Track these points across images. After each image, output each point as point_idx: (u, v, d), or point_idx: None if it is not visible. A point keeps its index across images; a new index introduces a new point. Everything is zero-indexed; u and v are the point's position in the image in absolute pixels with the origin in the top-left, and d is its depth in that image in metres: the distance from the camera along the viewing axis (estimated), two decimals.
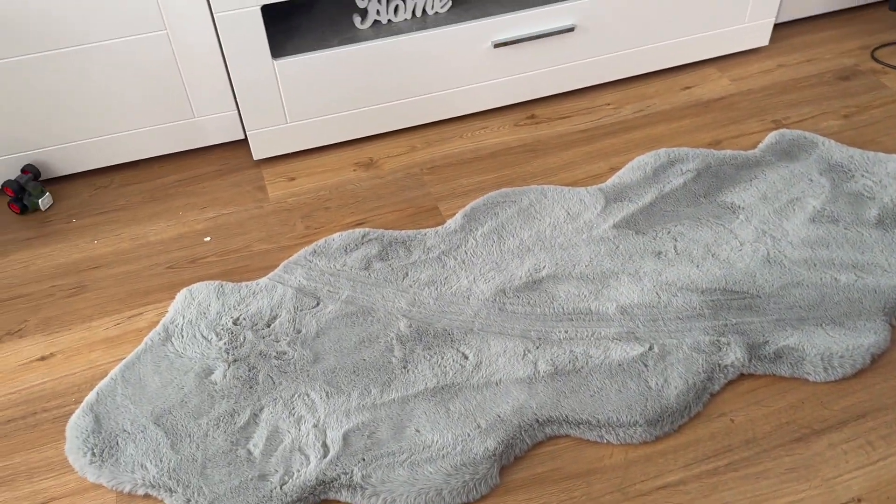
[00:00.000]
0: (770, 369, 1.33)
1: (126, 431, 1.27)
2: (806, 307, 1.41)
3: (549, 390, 1.30)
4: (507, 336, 1.40)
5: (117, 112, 1.73)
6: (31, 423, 1.33)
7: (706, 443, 1.24)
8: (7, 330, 1.50)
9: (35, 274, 1.62)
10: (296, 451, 1.24)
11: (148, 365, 1.38)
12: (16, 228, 1.73)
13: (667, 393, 1.28)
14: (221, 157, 1.89)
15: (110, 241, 1.68)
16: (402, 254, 1.58)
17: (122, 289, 1.57)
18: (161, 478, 1.21)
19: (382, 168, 1.84)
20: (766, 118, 1.89)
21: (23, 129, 1.70)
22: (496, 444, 1.23)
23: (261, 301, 1.49)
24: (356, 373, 1.35)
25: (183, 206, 1.76)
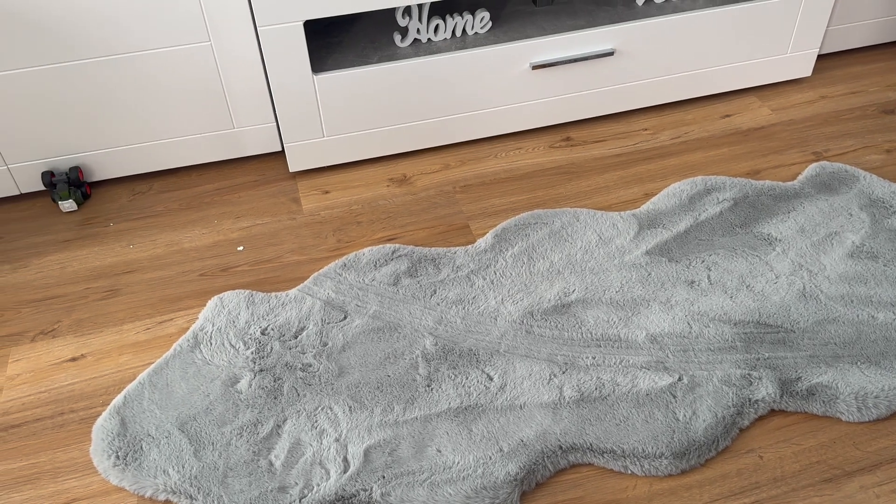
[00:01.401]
0: (802, 406, 1.30)
1: (150, 436, 1.29)
2: (841, 344, 1.38)
3: (573, 417, 1.29)
4: (533, 359, 1.39)
5: (160, 119, 1.76)
6: (59, 422, 1.35)
7: (733, 479, 1.21)
8: (41, 329, 1.53)
9: (71, 275, 1.65)
10: (316, 464, 1.23)
11: (176, 370, 1.39)
12: (55, 230, 1.77)
13: (695, 426, 1.26)
14: (258, 167, 1.91)
15: (146, 246, 1.71)
16: (430, 271, 1.58)
17: (154, 294, 1.59)
18: (182, 484, 1.21)
19: (415, 185, 1.84)
20: (806, 149, 1.86)
21: (71, 131, 1.74)
22: (518, 469, 1.21)
23: (289, 312, 1.49)
24: (380, 389, 1.35)
25: (218, 214, 1.79)
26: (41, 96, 1.66)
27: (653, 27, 1.85)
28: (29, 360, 1.46)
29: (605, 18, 1.88)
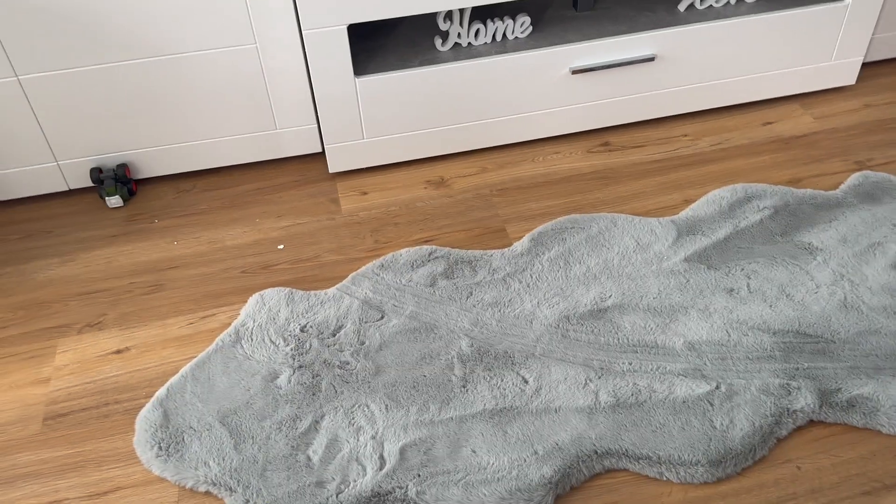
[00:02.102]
0: (841, 418, 1.29)
1: (192, 428, 1.32)
2: (883, 356, 1.36)
3: (609, 422, 1.29)
4: (568, 363, 1.39)
5: (204, 119, 1.80)
6: (104, 413, 1.39)
7: (770, 489, 1.20)
8: (87, 322, 1.57)
9: (116, 270, 1.69)
10: (353, 460, 1.25)
11: (217, 365, 1.42)
12: (102, 225, 1.81)
13: (732, 434, 1.25)
14: (299, 168, 1.94)
15: (189, 243, 1.75)
16: (467, 273, 1.59)
17: (197, 289, 1.63)
18: (223, 476, 1.24)
19: (453, 187, 1.86)
20: (849, 158, 1.84)
21: (119, 129, 1.78)
22: (552, 472, 1.22)
23: (328, 310, 1.52)
24: (416, 388, 1.36)
25: (260, 213, 1.82)
26: (91, 95, 1.71)
27: (694, 33, 1.84)
28: (76, 352, 1.51)
29: (647, 24, 1.87)
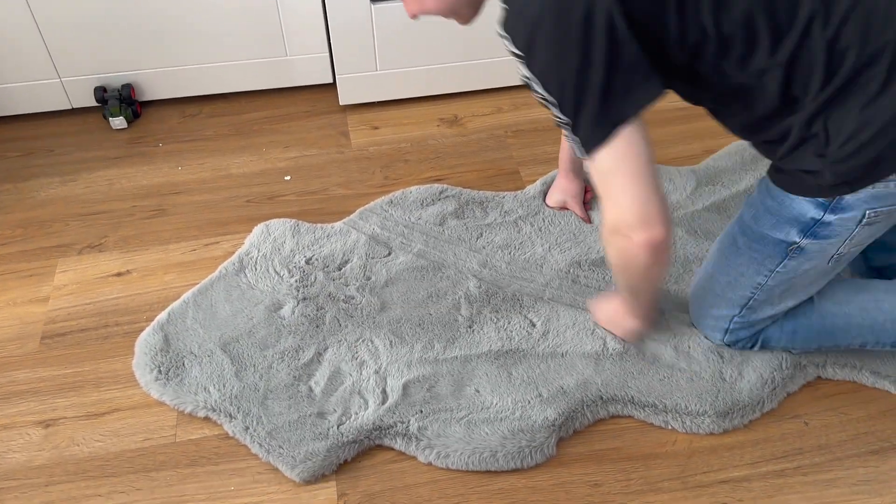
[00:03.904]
0: (851, 376, 1.27)
1: (193, 354, 1.29)
2: None
3: (616, 369, 1.27)
4: (577, 309, 1.36)
5: (213, 42, 1.74)
6: (103, 334, 1.37)
7: (776, 443, 1.19)
8: (88, 243, 1.54)
9: (118, 192, 1.65)
10: (355, 393, 1.24)
11: (220, 293, 1.39)
12: (105, 146, 1.77)
13: (740, 386, 1.23)
14: (309, 98, 1.89)
15: (193, 168, 1.71)
16: (478, 214, 1.56)
17: (200, 216, 1.59)
18: (222, 403, 1.22)
19: (466, 126, 1.81)
20: None
21: (125, 48, 1.73)
22: (556, 415, 1.20)
23: (334, 244, 1.48)
24: (421, 326, 1.34)
25: (267, 143, 1.77)
26: (97, 11, 1.65)
27: None
28: (76, 272, 1.48)
29: None
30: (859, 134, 0.93)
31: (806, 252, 1.08)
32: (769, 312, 1.19)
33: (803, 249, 1.08)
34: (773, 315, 1.20)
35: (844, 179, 0.98)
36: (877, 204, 1.00)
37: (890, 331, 1.18)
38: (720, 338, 1.25)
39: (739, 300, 1.18)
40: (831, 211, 1.02)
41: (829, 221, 1.03)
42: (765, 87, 0.96)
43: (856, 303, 1.20)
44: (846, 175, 0.97)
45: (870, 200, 0.99)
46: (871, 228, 1.04)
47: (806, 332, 1.22)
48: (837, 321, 1.20)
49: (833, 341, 1.23)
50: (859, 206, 1.00)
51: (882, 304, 1.18)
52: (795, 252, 1.08)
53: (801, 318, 1.21)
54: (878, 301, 1.19)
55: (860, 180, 0.97)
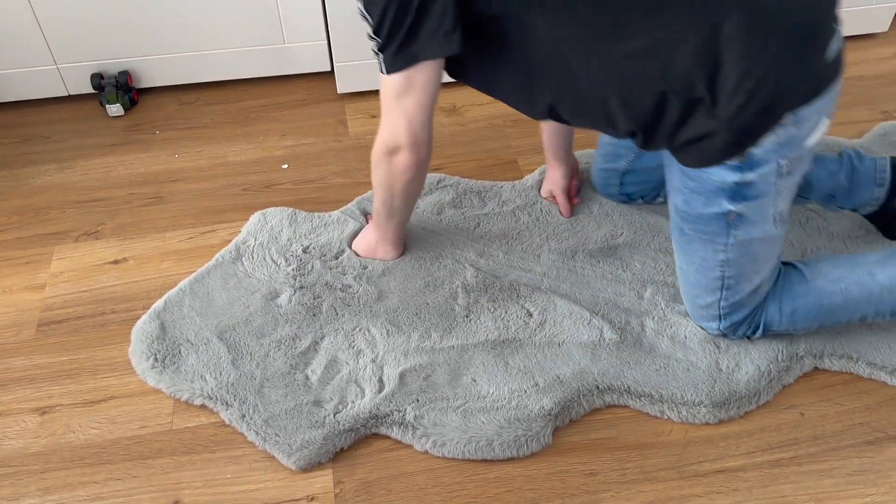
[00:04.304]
0: (847, 367, 1.27)
1: (189, 342, 1.29)
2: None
3: (612, 358, 1.27)
4: (574, 299, 1.36)
5: (211, 29, 1.73)
6: (100, 322, 1.37)
7: (772, 433, 1.19)
8: (85, 230, 1.53)
9: (115, 180, 1.65)
10: (352, 382, 1.24)
11: (217, 281, 1.39)
12: (102, 133, 1.76)
13: (737, 377, 1.23)
14: (306, 87, 1.88)
15: (190, 156, 1.70)
16: (475, 203, 1.55)
17: (197, 204, 1.58)
18: (219, 391, 1.22)
19: (465, 115, 1.80)
20: (875, 107, 1.78)
21: (122, 35, 1.72)
22: (552, 405, 1.20)
23: (331, 233, 1.48)
24: (418, 315, 1.34)
25: (264, 131, 1.76)
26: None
27: None
28: (72, 260, 1.47)
29: None
30: (744, 86, 0.97)
31: (746, 217, 1.11)
32: (748, 288, 1.20)
33: (742, 215, 1.11)
34: (752, 291, 1.21)
35: (742, 133, 1.01)
36: (786, 151, 1.04)
37: (887, 300, 1.20)
38: (717, 326, 1.26)
39: (714, 283, 1.20)
40: (748, 169, 1.05)
41: (751, 180, 1.06)
42: None
43: (850, 278, 1.22)
44: (742, 128, 1.01)
45: (778, 149, 1.03)
46: (792, 178, 1.09)
47: (806, 312, 1.23)
48: (836, 298, 1.22)
49: (833, 318, 1.24)
50: (771, 157, 1.04)
51: (876, 275, 1.20)
52: (736, 220, 1.12)
53: (800, 300, 1.23)
54: (872, 273, 1.21)
55: (757, 129, 1.01)
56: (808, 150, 1.07)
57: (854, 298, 1.21)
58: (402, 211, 1.33)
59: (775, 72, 0.97)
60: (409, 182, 1.23)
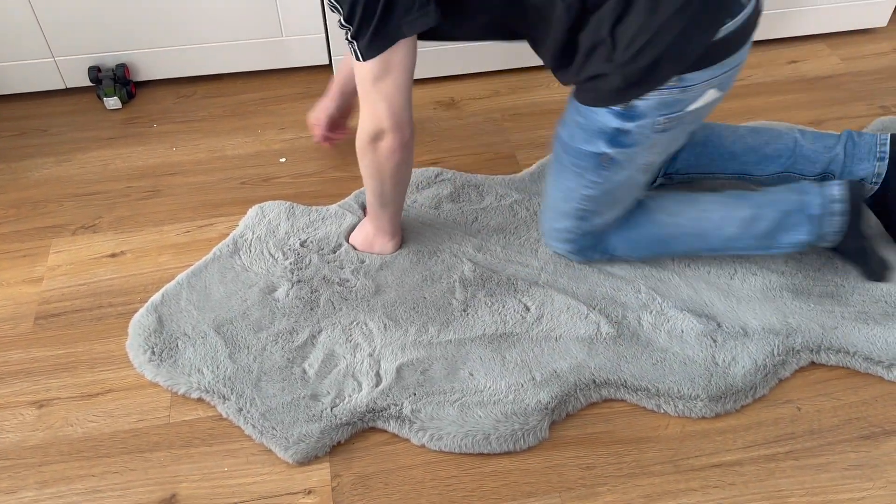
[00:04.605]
0: (844, 361, 1.27)
1: (187, 335, 1.29)
2: (893, 303, 1.33)
3: (609, 353, 1.27)
4: (572, 293, 1.36)
5: (209, 22, 1.73)
6: (97, 315, 1.37)
7: (768, 427, 1.19)
8: (82, 224, 1.53)
9: (113, 173, 1.65)
10: (349, 376, 1.24)
11: (214, 274, 1.39)
12: (99, 127, 1.76)
13: (733, 371, 1.23)
14: (304, 80, 1.87)
15: (188, 150, 1.70)
16: (473, 197, 1.55)
17: (195, 198, 1.58)
18: (216, 384, 1.23)
19: (463, 109, 1.80)
20: (874, 103, 1.78)
21: (120, 27, 1.71)
22: (549, 399, 1.21)
23: (329, 227, 1.48)
24: (416, 309, 1.34)
25: (262, 124, 1.76)
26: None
27: None
28: (69, 253, 1.47)
29: None
30: (639, 38, 1.06)
31: (617, 162, 1.21)
32: (599, 222, 1.32)
33: (614, 159, 1.21)
34: (604, 224, 1.33)
35: (631, 82, 1.11)
36: (666, 111, 1.14)
37: (715, 238, 1.33)
38: (566, 248, 1.38)
39: (572, 212, 1.31)
40: (629, 119, 1.15)
41: (628, 129, 1.16)
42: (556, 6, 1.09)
43: (686, 214, 1.34)
44: (632, 77, 1.10)
45: (659, 107, 1.13)
46: (667, 135, 1.19)
47: (644, 241, 1.36)
48: (670, 230, 1.34)
49: (667, 248, 1.37)
50: (651, 113, 1.14)
51: (709, 214, 1.32)
52: (607, 162, 1.22)
53: (640, 229, 1.35)
54: (706, 212, 1.33)
55: (645, 83, 1.10)
56: (689, 114, 1.16)
57: (686, 233, 1.34)
58: (395, 199, 1.34)
59: (667, 33, 1.05)
60: (398, 166, 1.24)
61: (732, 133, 1.41)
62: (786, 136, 1.39)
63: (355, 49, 1.12)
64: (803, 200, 1.29)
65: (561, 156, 1.29)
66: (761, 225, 1.30)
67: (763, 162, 1.39)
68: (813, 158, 1.37)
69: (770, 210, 1.30)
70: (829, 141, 1.37)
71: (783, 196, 1.31)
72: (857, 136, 1.37)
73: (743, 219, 1.30)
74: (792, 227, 1.30)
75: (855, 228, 1.29)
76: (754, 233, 1.31)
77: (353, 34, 1.10)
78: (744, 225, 1.30)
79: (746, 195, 1.33)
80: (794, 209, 1.29)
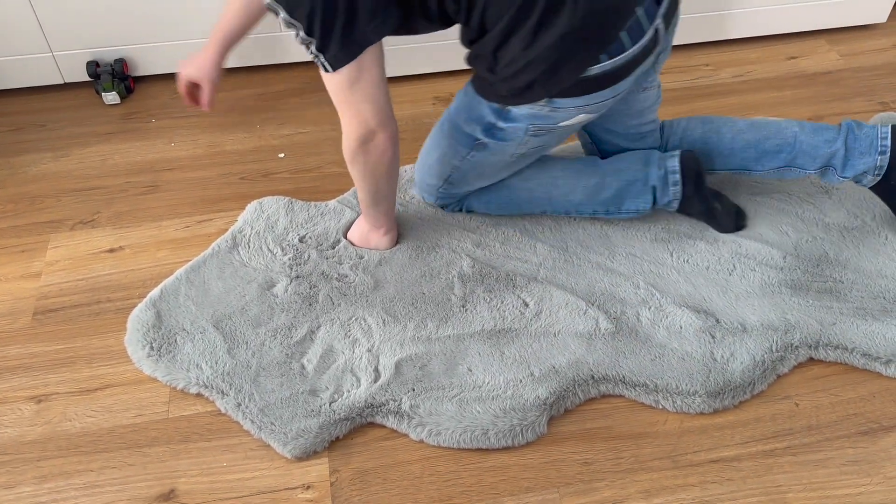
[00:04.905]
0: (842, 357, 1.27)
1: (185, 330, 1.29)
2: (892, 299, 1.33)
3: (608, 349, 1.27)
4: (570, 289, 1.36)
5: (208, 17, 1.72)
6: (96, 310, 1.37)
7: (767, 423, 1.19)
8: (80, 219, 1.53)
9: (111, 168, 1.64)
10: (348, 371, 1.24)
11: (213, 270, 1.39)
12: (98, 122, 1.75)
13: (732, 367, 1.24)
14: (303, 75, 1.87)
15: (187, 145, 1.70)
16: None
17: (193, 193, 1.58)
18: (215, 379, 1.23)
19: None
20: (873, 99, 1.78)
21: (118, 22, 1.71)
22: (548, 394, 1.21)
23: (328, 222, 1.48)
24: (414, 305, 1.34)
25: (261, 120, 1.76)
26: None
27: None
28: (68, 248, 1.47)
29: None
30: (515, 64, 1.14)
31: (488, 148, 1.30)
32: (465, 189, 1.42)
33: (486, 146, 1.30)
34: (469, 190, 1.43)
35: (508, 94, 1.20)
36: (537, 122, 1.23)
37: (563, 203, 1.43)
38: (432, 200, 1.48)
39: (442, 174, 1.40)
40: (503, 119, 1.24)
41: (501, 127, 1.25)
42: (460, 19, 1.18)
43: (536, 180, 1.42)
44: (509, 90, 1.19)
45: (530, 117, 1.22)
46: (539, 139, 1.28)
47: (498, 201, 1.45)
48: (522, 194, 1.43)
49: (519, 209, 1.46)
50: (523, 119, 1.23)
51: (557, 180, 1.41)
52: (480, 147, 1.30)
53: (494, 192, 1.44)
54: (555, 178, 1.41)
55: (519, 98, 1.20)
56: (560, 128, 1.25)
57: (536, 197, 1.43)
58: (388, 196, 1.35)
59: (539, 64, 1.13)
60: (391, 161, 1.26)
61: (731, 129, 1.41)
62: (785, 130, 1.38)
63: (323, 62, 1.11)
64: (646, 172, 1.38)
65: (444, 123, 1.35)
66: (605, 193, 1.40)
67: (762, 158, 1.39)
68: (812, 153, 1.37)
69: (614, 179, 1.39)
70: (829, 134, 1.37)
71: (629, 166, 1.39)
72: (858, 127, 1.36)
73: (588, 186, 1.40)
74: (635, 196, 1.39)
75: (697, 194, 1.38)
76: (599, 199, 1.41)
77: (318, 47, 1.10)
78: (589, 192, 1.40)
79: (595, 164, 1.42)
80: (637, 179, 1.38)
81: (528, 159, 1.37)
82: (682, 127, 1.44)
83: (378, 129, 1.18)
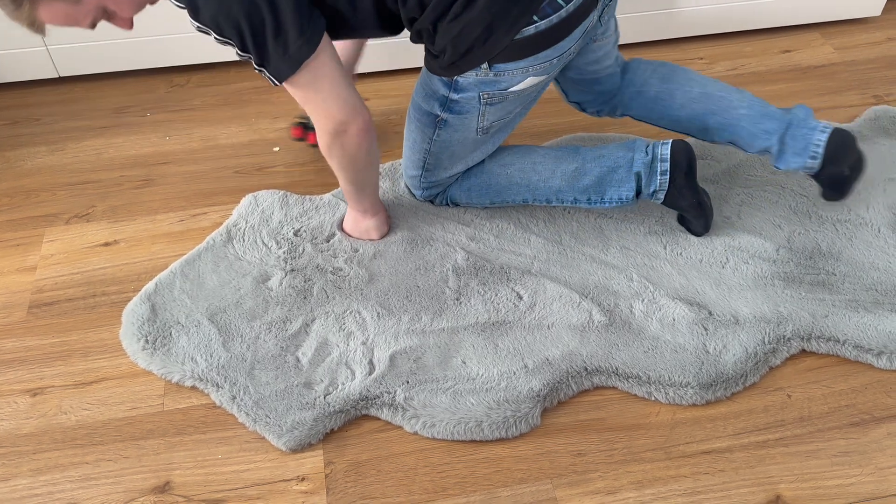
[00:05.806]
0: (834, 349, 1.28)
1: (180, 324, 1.30)
2: (884, 291, 1.34)
3: (601, 341, 1.28)
4: (564, 282, 1.37)
5: None
6: (91, 304, 1.37)
7: (759, 415, 1.20)
8: (76, 213, 1.53)
9: (106, 162, 1.64)
10: (342, 364, 1.24)
11: (208, 263, 1.39)
12: (92, 116, 1.75)
13: (724, 359, 1.24)
14: None
15: (181, 139, 1.70)
16: None
17: (188, 187, 1.58)
18: (209, 372, 1.23)
19: None
20: (867, 92, 1.78)
21: None
22: (541, 386, 1.21)
23: (323, 216, 1.48)
24: (409, 298, 1.34)
25: (256, 113, 1.76)
26: None
27: None
28: (63, 242, 1.47)
29: None
30: (450, 31, 1.15)
31: (450, 124, 1.30)
32: (444, 174, 1.42)
33: (447, 122, 1.30)
34: (449, 176, 1.42)
35: (450, 63, 1.20)
36: (485, 88, 1.23)
37: (542, 189, 1.40)
38: (419, 194, 1.48)
39: (418, 162, 1.40)
40: (454, 90, 1.25)
41: (455, 99, 1.26)
42: None
43: (516, 166, 1.40)
44: (450, 59, 1.19)
45: (478, 84, 1.22)
46: (497, 108, 1.28)
47: (478, 189, 1.44)
48: (501, 181, 1.41)
49: (501, 197, 1.44)
50: (472, 88, 1.23)
51: (537, 166, 1.39)
52: (442, 124, 1.31)
53: (474, 179, 1.43)
54: (535, 164, 1.40)
55: (462, 64, 1.19)
56: (513, 93, 1.24)
57: (516, 183, 1.41)
58: (371, 181, 1.36)
59: (473, 29, 1.14)
60: (369, 149, 1.26)
61: (684, 95, 1.41)
62: (732, 111, 1.38)
63: (268, 76, 1.12)
64: (631, 158, 1.35)
65: (410, 108, 1.36)
66: (585, 179, 1.37)
67: (704, 132, 1.42)
68: (749, 140, 1.38)
69: (595, 165, 1.36)
70: (770, 125, 1.36)
71: (611, 153, 1.37)
72: (800, 124, 1.34)
73: (567, 171, 1.37)
74: (617, 183, 1.36)
75: (687, 186, 1.34)
76: (579, 186, 1.38)
77: (257, 62, 1.10)
78: (568, 178, 1.37)
79: (577, 150, 1.39)
80: (620, 166, 1.35)
81: (498, 136, 1.37)
82: (641, 81, 1.44)
83: (349, 121, 1.19)
